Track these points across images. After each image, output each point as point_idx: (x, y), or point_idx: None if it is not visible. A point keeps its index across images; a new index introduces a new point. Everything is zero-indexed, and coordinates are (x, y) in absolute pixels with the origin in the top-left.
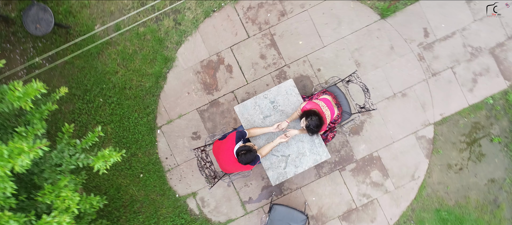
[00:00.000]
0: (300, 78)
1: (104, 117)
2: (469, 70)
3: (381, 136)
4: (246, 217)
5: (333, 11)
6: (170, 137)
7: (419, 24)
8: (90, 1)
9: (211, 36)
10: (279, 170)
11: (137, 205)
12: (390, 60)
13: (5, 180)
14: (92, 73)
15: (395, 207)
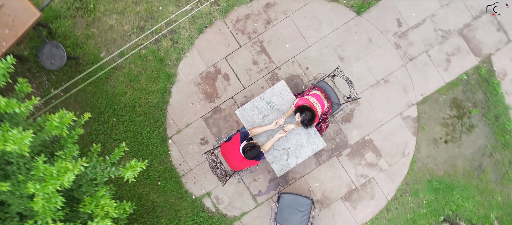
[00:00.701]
0: (291, 78)
1: (119, 134)
2: (442, 51)
3: (370, 121)
4: (258, 209)
5: (313, 13)
6: (181, 145)
7: (392, 16)
8: (93, 32)
9: (206, 50)
10: (282, 162)
11: (158, 210)
12: (370, 52)
13: (56, 195)
14: (103, 96)
15: (391, 183)
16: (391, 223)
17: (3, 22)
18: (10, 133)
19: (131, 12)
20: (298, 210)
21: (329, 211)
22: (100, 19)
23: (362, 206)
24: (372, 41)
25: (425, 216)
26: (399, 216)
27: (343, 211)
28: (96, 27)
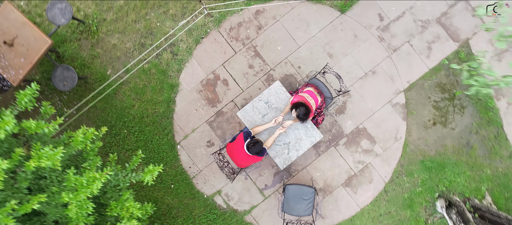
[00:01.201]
0: (285, 77)
1: (131, 144)
2: (423, 40)
3: (362, 110)
4: (266, 201)
5: (301, 16)
6: (189, 149)
7: (374, 11)
8: (98, 52)
9: (204, 59)
10: (284, 156)
11: (174, 211)
12: (356, 47)
13: (87, 202)
14: (113, 111)
15: (387, 166)
16: (390, 204)
17: (18, 51)
18: (43, 151)
19: (131, 30)
20: (303, 199)
21: (332, 198)
22: (103, 39)
23: (362, 190)
24: (357, 37)
25: (421, 194)
26: (397, 196)
27: (345, 196)
28: (100, 47)
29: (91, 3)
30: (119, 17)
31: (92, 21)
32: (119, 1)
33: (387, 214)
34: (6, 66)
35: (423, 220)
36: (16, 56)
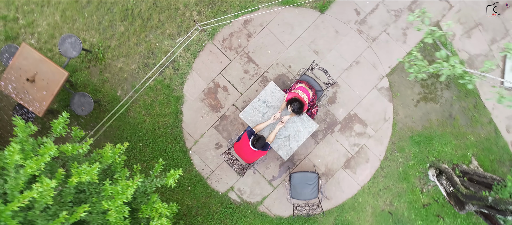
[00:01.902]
0: (278, 77)
1: (147, 155)
2: (398, 28)
3: (351, 98)
4: (275, 191)
5: (285, 20)
6: (200, 152)
7: (350, 7)
8: (107, 76)
9: (203, 70)
10: (286, 148)
11: (193, 211)
12: (338, 41)
13: (123, 207)
14: (127, 127)
15: (380, 145)
16: (388, 179)
17: (40, 86)
18: (81, 168)
19: (134, 53)
20: (308, 184)
21: (334, 180)
22: (110, 64)
23: (360, 170)
24: (338, 32)
25: (414, 167)
26: (392, 171)
27: (346, 177)
28: (109, 72)
29: (95, 33)
30: (122, 43)
31: (98, 49)
32: (120, 28)
33: (385, 189)
34: (31, 100)
35: (418, 189)
36: (38, 90)
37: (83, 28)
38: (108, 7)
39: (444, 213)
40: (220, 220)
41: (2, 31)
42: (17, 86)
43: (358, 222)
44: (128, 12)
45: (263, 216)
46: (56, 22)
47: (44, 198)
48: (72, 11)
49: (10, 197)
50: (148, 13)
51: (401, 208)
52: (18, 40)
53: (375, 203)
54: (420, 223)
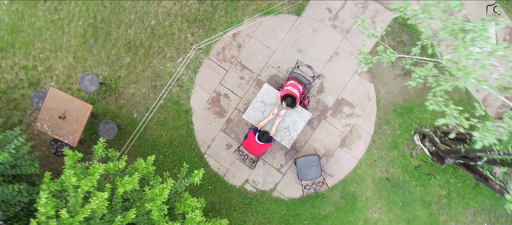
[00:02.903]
0: (271, 78)
1: (169, 165)
2: (367, 17)
3: (337, 85)
4: (285, 177)
5: (268, 27)
6: (214, 154)
7: (322, 6)
8: (122, 102)
9: (205, 83)
10: (288, 137)
11: (217, 206)
12: (317, 38)
13: (162, 205)
14: (147, 144)
15: (368, 122)
16: (380, 150)
17: (70, 120)
18: (124, 180)
19: (142, 78)
20: (311, 165)
21: (334, 159)
22: (123, 92)
23: (355, 146)
24: (316, 30)
25: (401, 135)
26: (383, 143)
27: (344, 155)
28: (123, 98)
29: (105, 67)
30: (130, 71)
31: (110, 81)
32: (126, 59)
33: (380, 158)
34: (65, 134)
35: (408, 154)
36: (69, 125)
37: (94, 64)
38: (113, 43)
39: (433, 171)
40: (241, 210)
41: (25, 79)
42: (51, 124)
43: (361, 191)
44: (131, 44)
45: (278, 200)
46: (70, 63)
47: (100, 208)
48: (82, 52)
49: (74, 212)
50: (148, 42)
51: (396, 173)
52: (39, 85)
53: (372, 172)
54: (414, 183)
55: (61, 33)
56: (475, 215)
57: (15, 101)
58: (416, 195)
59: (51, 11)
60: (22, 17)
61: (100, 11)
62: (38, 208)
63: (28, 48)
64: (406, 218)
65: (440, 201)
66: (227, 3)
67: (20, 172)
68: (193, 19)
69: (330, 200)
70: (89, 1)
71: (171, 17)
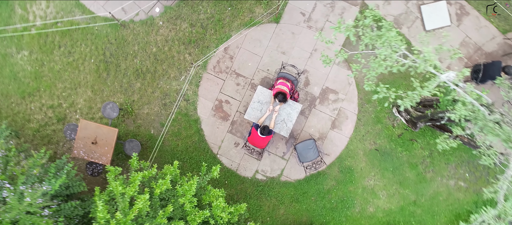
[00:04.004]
0: (263, 80)
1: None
2: (336, 15)
3: (320, 77)
4: (289, 162)
5: (253, 37)
6: (226, 153)
7: (296, 12)
8: (139, 122)
9: (207, 94)
10: (285, 128)
11: (235, 197)
12: (296, 40)
13: (192, 198)
14: (166, 154)
15: (352, 103)
16: (366, 126)
17: (102, 144)
18: (159, 183)
19: (153, 99)
20: (309, 149)
21: (328, 140)
22: (138, 113)
23: (344, 126)
24: (294, 33)
25: (382, 110)
26: (368, 119)
27: (336, 135)
28: (140, 119)
29: (120, 94)
30: (142, 94)
31: (126, 106)
32: (137, 84)
33: (367, 133)
34: (99, 156)
35: (390, 125)
36: (101, 148)
37: (110, 94)
38: (123, 73)
39: (415, 136)
40: (256, 197)
41: (53, 116)
42: (86, 150)
43: (355, 164)
44: (138, 71)
45: (286, 183)
46: (90, 96)
47: (145, 207)
48: (98, 85)
49: (125, 213)
50: (153, 67)
51: (383, 143)
52: (66, 119)
53: (363, 146)
54: (400, 149)
55: (77, 72)
56: (456, 168)
57: (48, 137)
58: (403, 159)
59: (66, 54)
60: (42, 64)
61: (107, 47)
62: (97, 214)
63: (52, 90)
64: (398, 181)
65: (425, 161)
66: (214, 22)
67: (72, 192)
68: (188, 41)
69: (330, 176)
70: (96, 40)
71: (169, 43)
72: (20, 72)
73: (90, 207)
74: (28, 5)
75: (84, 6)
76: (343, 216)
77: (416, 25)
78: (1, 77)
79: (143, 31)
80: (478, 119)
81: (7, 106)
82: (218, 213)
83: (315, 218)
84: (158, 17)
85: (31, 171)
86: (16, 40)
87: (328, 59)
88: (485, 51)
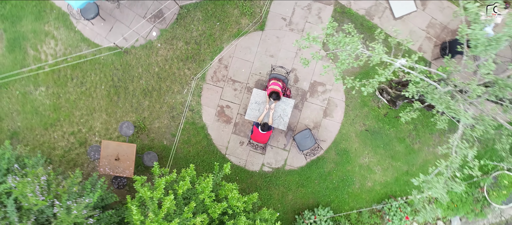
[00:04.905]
0: (257, 83)
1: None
2: (313, 16)
3: (307, 72)
4: (290, 152)
5: (243, 46)
6: (233, 152)
7: (278, 17)
8: (152, 136)
9: (209, 102)
10: (283, 122)
11: (246, 190)
12: (281, 43)
13: (211, 193)
14: (180, 160)
15: (339, 92)
16: (354, 110)
17: (124, 159)
18: (180, 184)
19: (162, 113)
20: (306, 138)
21: (322, 127)
22: (150, 128)
23: (335, 113)
24: (279, 37)
25: (367, 96)
26: (355, 104)
27: (329, 122)
28: (152, 133)
29: (131, 113)
30: (151, 111)
31: (139, 123)
32: (145, 103)
33: (356, 117)
34: (123, 170)
35: (376, 107)
36: (123, 163)
37: (123, 114)
38: (132, 94)
39: (398, 113)
40: (265, 187)
41: (75, 142)
42: (111, 167)
43: (350, 145)
44: (145, 90)
45: (291, 172)
46: (105, 119)
47: (172, 206)
48: (111, 108)
49: (156, 213)
50: (157, 85)
51: (371, 124)
52: (87, 142)
53: (354, 129)
54: (387, 127)
55: (91, 99)
56: (440, 136)
57: (73, 160)
58: (392, 136)
59: (79, 85)
60: (59, 96)
61: (114, 73)
62: (133, 217)
63: (71, 118)
64: (389, 155)
65: (411, 134)
66: (206, 37)
67: (107, 203)
68: (185, 58)
69: (329, 159)
70: (104, 68)
71: (169, 62)
72: (40, 106)
73: (123, 214)
74: (39, 45)
75: (89, 40)
76: (345, 193)
77: (386, 15)
78: (24, 113)
79: (144, 54)
80: (428, 93)
81: (33, 138)
82: (234, 203)
83: (320, 199)
84: (156, 40)
85: (71, 189)
86: (32, 78)
87: (306, 61)
88: (451, 29)
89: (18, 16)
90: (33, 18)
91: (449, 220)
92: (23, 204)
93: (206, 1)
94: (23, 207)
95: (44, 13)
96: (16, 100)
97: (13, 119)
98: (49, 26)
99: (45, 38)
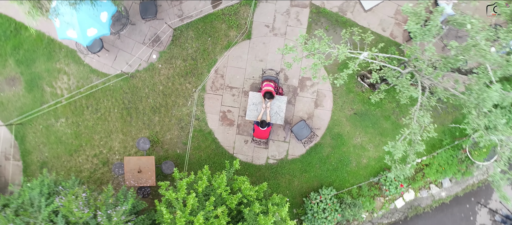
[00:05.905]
0: (252, 86)
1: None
2: (292, 19)
3: (295, 70)
4: (290, 143)
5: (235, 55)
6: (240, 151)
7: (262, 25)
8: (166, 147)
9: (212, 109)
10: (279, 118)
11: (256, 183)
12: (268, 47)
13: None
14: (194, 165)
15: (326, 84)
16: (342, 97)
17: (145, 171)
18: (199, 183)
19: (172, 125)
20: (302, 128)
21: (315, 117)
22: (163, 140)
23: (325, 103)
24: (265, 43)
25: (350, 82)
26: (341, 92)
27: (320, 112)
28: (166, 144)
29: (144, 129)
30: (162, 125)
31: (153, 137)
32: (156, 118)
33: (344, 103)
34: (146, 180)
35: (360, 92)
36: (145, 174)
37: (137, 131)
38: (142, 112)
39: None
40: (272, 177)
41: (98, 162)
42: (135, 179)
43: (343, 129)
44: (154, 108)
45: (293, 160)
46: (122, 138)
47: (195, 203)
48: (126, 127)
49: (182, 211)
50: (164, 101)
51: (359, 107)
52: (109, 161)
53: (344, 114)
54: (373, 108)
55: (107, 123)
56: None
57: (99, 179)
58: (378, 115)
59: (94, 112)
60: (78, 124)
61: (124, 96)
62: (164, 216)
63: (91, 142)
64: (379, 133)
65: (394, 111)
66: (201, 52)
67: (138, 209)
68: (185, 74)
69: (325, 144)
70: (114, 94)
71: (171, 79)
72: (63, 136)
73: (153, 217)
74: (53, 82)
75: (97, 71)
76: (344, 172)
77: (357, 9)
78: (49, 144)
79: (148, 76)
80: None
81: (60, 165)
82: (248, 193)
83: (323, 180)
84: (157, 61)
85: (107, 201)
86: (52, 112)
87: (289, 64)
88: None
89: (31, 59)
90: (45, 58)
91: (440, 182)
92: (70, 219)
93: (196, 20)
94: (70, 222)
95: (54, 52)
96: (41, 134)
97: (41, 151)
98: (60, 63)
99: (58, 75)
